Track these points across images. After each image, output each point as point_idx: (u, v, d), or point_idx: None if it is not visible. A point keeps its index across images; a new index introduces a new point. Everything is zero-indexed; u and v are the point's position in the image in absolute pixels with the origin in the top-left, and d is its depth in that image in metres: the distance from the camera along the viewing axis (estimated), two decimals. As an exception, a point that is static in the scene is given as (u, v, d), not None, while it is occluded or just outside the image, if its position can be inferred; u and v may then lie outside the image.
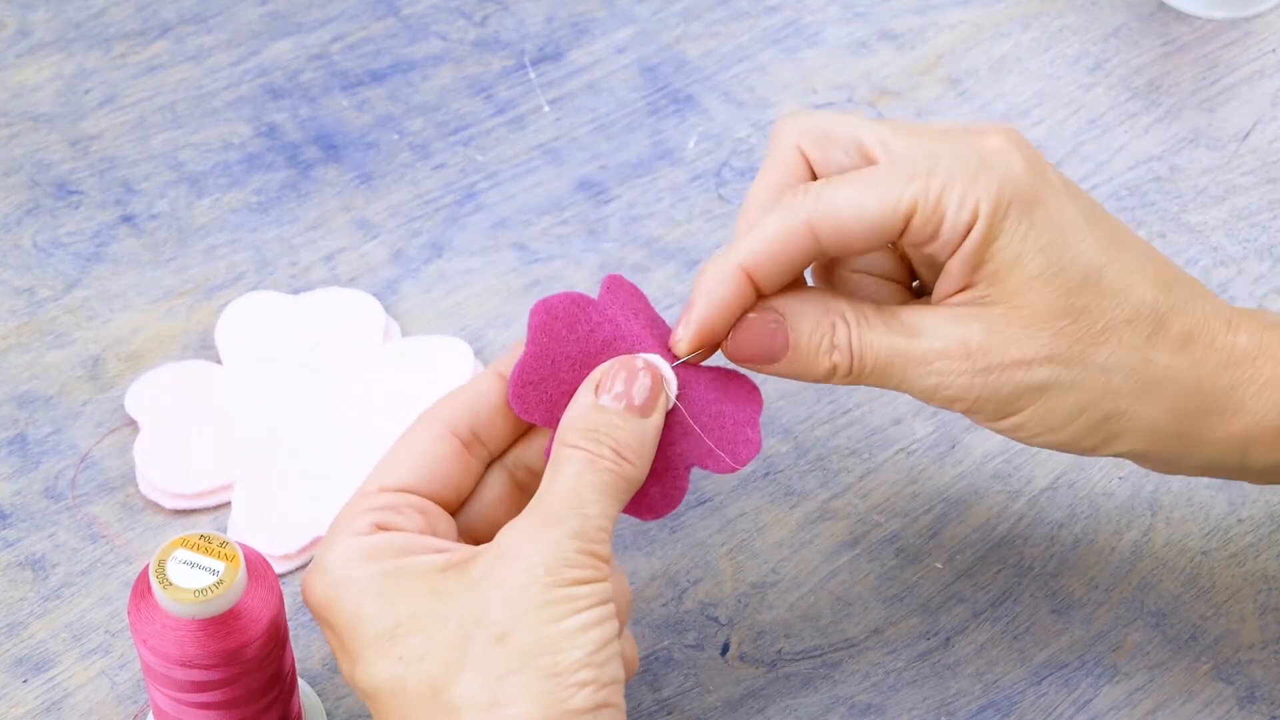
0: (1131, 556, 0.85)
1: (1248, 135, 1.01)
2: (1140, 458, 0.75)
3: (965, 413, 0.73)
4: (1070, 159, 1.00)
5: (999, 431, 0.73)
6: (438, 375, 0.89)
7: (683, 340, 0.74)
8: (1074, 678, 0.81)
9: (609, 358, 0.73)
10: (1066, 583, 0.84)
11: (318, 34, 1.03)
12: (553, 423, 0.73)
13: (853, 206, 0.71)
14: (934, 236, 0.71)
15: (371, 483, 0.73)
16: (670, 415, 0.73)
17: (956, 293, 0.72)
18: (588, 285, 0.93)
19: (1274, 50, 1.05)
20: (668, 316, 0.92)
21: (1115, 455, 0.74)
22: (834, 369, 0.73)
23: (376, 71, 1.02)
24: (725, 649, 0.82)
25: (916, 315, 0.73)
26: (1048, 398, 0.72)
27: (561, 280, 0.93)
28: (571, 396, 0.73)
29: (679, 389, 0.74)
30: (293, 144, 0.99)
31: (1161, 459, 0.74)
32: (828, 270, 0.77)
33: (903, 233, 0.71)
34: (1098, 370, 0.72)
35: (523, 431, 0.75)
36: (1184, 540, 0.85)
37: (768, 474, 0.87)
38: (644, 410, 0.72)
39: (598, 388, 0.72)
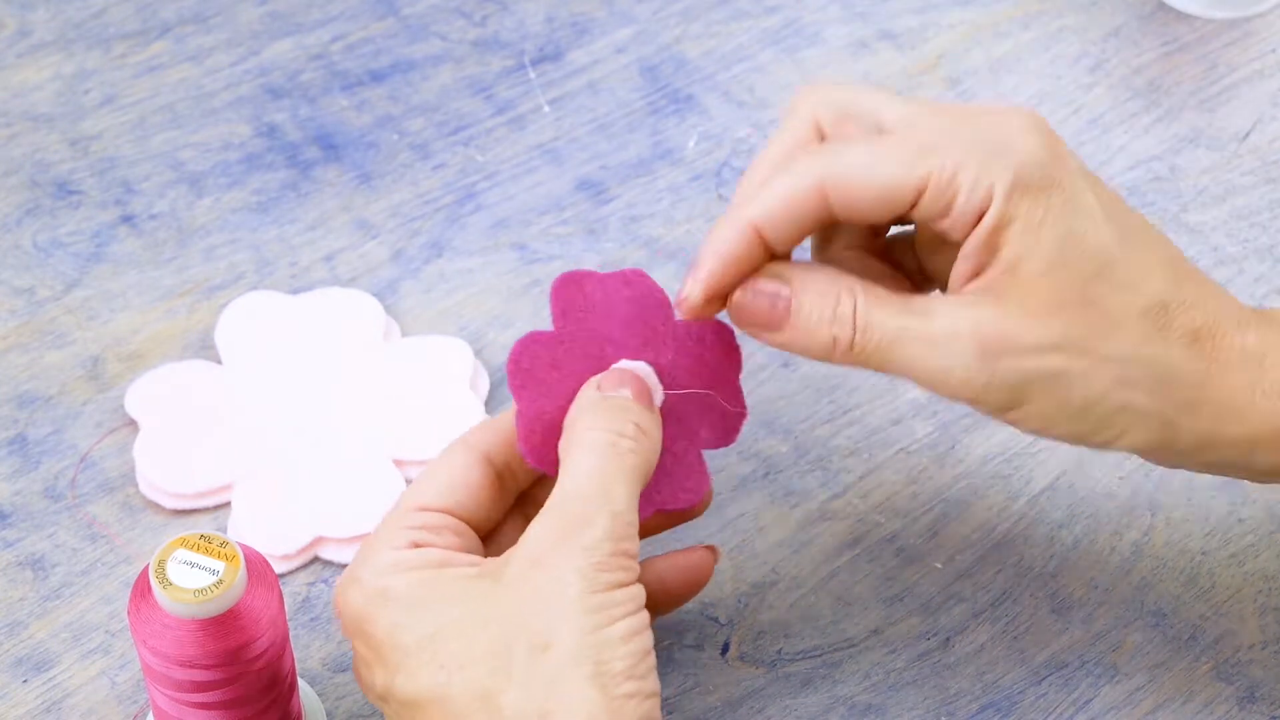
0: (1131, 556, 0.85)
1: (1248, 135, 1.01)
2: (1148, 453, 0.74)
3: (971, 402, 0.71)
4: (1070, 159, 1.00)
5: (1006, 422, 0.72)
6: (438, 375, 0.89)
7: (690, 296, 0.73)
8: (1074, 678, 0.81)
9: (601, 369, 0.74)
10: (1066, 583, 0.84)
11: (318, 34, 1.03)
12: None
13: (865, 171, 0.70)
14: (945, 213, 0.70)
15: (409, 501, 0.73)
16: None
17: (970, 279, 0.71)
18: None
19: (1274, 50, 1.05)
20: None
21: (1123, 450, 0.73)
22: (834, 342, 0.71)
23: (376, 71, 1.02)
24: (725, 649, 0.82)
25: (928, 300, 0.71)
26: (1057, 388, 0.70)
27: (561, 280, 0.93)
28: None
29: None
30: (293, 144, 0.99)
31: (1169, 455, 0.74)
32: (832, 247, 0.76)
33: (913, 206, 0.70)
34: (1109, 361, 0.70)
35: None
36: (1184, 540, 0.85)
37: (768, 474, 0.87)
38: (647, 401, 0.72)
39: (599, 386, 0.72)
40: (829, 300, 0.71)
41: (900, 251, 0.77)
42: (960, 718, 0.80)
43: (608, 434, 0.70)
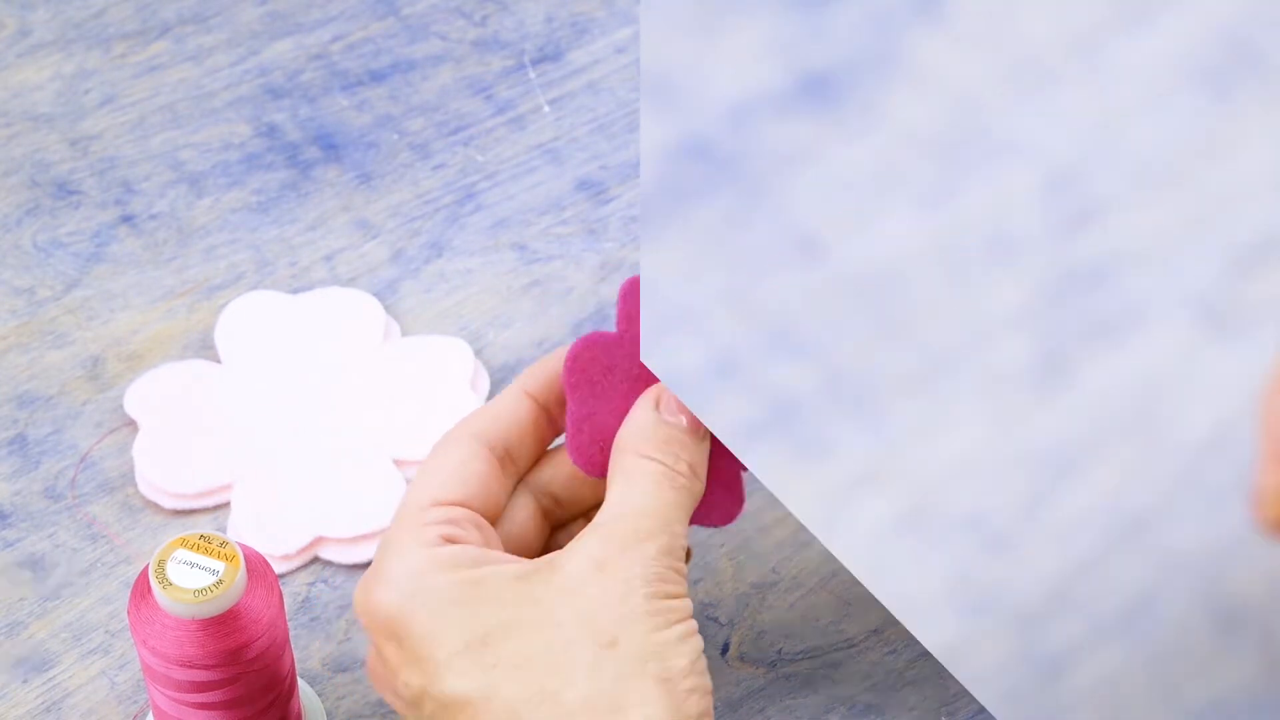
0: (1131, 556, 0.85)
1: (1248, 135, 1.01)
2: None
3: None
4: (1070, 159, 0.99)
5: None
6: (438, 375, 0.89)
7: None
8: (1074, 678, 0.81)
9: (656, 378, 0.74)
10: (1066, 583, 0.84)
11: (318, 34, 1.03)
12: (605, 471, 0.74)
13: None
14: None
15: (423, 496, 0.72)
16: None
17: None
18: (587, 285, 0.93)
19: (1274, 50, 1.05)
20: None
21: None
22: None
23: (376, 71, 1.02)
24: (725, 649, 0.82)
25: None
26: None
27: (561, 280, 0.93)
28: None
29: None
30: (293, 144, 0.99)
31: None
32: None
33: None
34: None
35: (543, 455, 0.76)
36: (1184, 540, 0.85)
37: (768, 474, 0.87)
38: (701, 433, 0.73)
39: (658, 403, 0.72)
40: None
41: None
42: (960, 718, 0.80)
43: (664, 469, 0.72)
